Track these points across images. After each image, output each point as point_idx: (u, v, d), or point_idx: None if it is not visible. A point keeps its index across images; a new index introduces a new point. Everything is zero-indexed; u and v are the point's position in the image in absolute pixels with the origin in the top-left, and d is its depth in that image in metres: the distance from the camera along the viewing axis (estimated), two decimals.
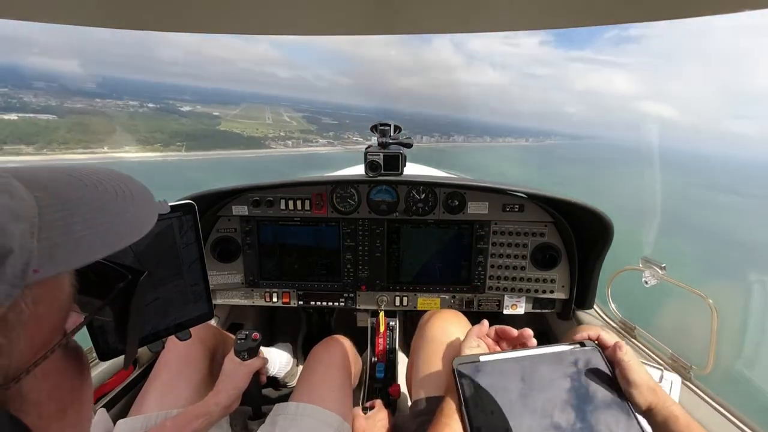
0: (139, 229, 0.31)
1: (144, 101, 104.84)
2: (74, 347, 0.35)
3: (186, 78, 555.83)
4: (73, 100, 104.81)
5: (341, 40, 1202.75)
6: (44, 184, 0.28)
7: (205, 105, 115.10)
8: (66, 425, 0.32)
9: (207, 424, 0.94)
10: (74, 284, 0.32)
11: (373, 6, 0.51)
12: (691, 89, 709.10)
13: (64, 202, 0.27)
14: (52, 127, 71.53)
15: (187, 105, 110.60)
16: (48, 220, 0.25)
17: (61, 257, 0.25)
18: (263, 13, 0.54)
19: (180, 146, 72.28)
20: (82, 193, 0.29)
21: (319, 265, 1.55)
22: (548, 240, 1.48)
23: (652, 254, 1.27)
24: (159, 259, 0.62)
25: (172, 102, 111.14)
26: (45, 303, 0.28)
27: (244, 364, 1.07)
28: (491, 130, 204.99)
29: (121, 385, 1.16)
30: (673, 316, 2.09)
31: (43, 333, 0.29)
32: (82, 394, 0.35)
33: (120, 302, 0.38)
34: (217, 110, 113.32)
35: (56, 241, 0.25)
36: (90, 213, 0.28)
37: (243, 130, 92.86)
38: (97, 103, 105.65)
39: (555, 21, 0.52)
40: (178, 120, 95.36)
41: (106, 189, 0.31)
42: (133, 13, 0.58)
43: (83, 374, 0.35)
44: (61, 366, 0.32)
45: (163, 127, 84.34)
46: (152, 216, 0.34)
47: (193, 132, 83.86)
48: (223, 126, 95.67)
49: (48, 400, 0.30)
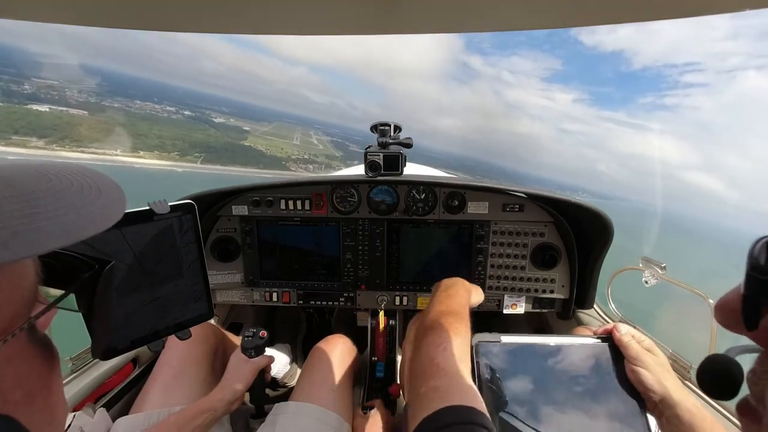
0: (103, 222, 0.31)
1: (181, 108, 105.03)
2: (42, 337, 0.36)
3: (226, 91, 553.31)
4: (113, 99, 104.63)
5: (379, 71, 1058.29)
6: (6, 178, 0.29)
7: (238, 118, 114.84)
8: (34, 410, 0.33)
9: (211, 419, 0.94)
10: (39, 273, 0.33)
11: (372, 6, 0.51)
12: (731, 162, 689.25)
13: (25, 194, 0.28)
14: (74, 123, 71.31)
15: (221, 117, 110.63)
16: (7, 210, 0.26)
17: (19, 245, 0.25)
18: (261, 13, 0.54)
19: (197, 157, 71.88)
20: (46, 186, 0.30)
21: (319, 264, 1.55)
22: (548, 240, 1.48)
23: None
24: (159, 259, 0.62)
25: (208, 112, 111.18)
26: (4, 290, 0.29)
27: (251, 361, 1.07)
28: (518, 179, 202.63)
29: (121, 385, 1.16)
30: (673, 315, 2.09)
31: (4, 319, 0.30)
32: (51, 381, 0.35)
33: (87, 292, 0.38)
34: (248, 125, 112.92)
35: (14, 230, 0.25)
36: (52, 204, 0.29)
37: (267, 148, 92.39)
38: (135, 104, 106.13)
39: (555, 21, 0.52)
40: (207, 130, 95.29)
41: (71, 183, 0.32)
42: (134, 13, 0.58)
43: (51, 363, 0.36)
44: (26, 354, 0.33)
45: (189, 135, 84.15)
46: (119, 210, 0.34)
47: (216, 144, 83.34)
48: (249, 141, 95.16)
49: (12, 386, 0.31)
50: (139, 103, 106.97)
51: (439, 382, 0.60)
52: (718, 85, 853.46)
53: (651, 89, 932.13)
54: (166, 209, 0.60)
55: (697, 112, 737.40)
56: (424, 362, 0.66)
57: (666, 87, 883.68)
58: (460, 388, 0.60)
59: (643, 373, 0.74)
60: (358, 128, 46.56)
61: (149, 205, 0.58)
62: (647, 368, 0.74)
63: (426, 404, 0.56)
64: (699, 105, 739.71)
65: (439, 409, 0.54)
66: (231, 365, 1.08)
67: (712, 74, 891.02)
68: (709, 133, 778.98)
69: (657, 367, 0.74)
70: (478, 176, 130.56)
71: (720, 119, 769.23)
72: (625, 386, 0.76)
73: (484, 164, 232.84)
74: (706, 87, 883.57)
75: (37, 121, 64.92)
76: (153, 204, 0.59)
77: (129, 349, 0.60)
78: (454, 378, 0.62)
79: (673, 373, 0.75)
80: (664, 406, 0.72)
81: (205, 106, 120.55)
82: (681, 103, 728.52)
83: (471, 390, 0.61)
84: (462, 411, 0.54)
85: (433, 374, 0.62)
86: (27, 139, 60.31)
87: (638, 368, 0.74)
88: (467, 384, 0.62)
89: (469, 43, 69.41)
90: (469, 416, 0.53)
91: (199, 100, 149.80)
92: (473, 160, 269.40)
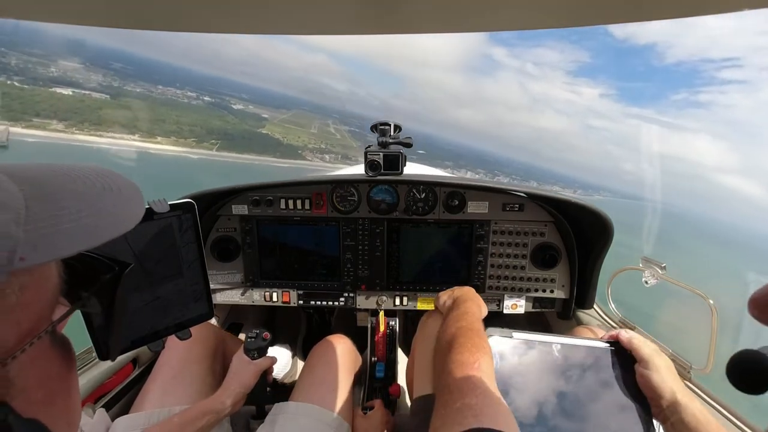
0: (124, 224, 0.32)
1: (202, 94, 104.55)
2: (62, 338, 0.36)
3: (246, 78, 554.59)
4: (136, 83, 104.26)
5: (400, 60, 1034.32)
6: (32, 179, 0.29)
7: (257, 105, 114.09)
8: (55, 411, 0.33)
9: (214, 421, 0.94)
10: (62, 275, 0.33)
11: (372, 6, 0.51)
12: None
13: (50, 195, 0.29)
14: (95, 106, 71.21)
15: (240, 103, 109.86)
16: (34, 211, 0.26)
17: (47, 247, 0.25)
18: (262, 12, 0.54)
19: (213, 144, 71.27)
20: (70, 188, 0.30)
21: (319, 264, 1.55)
22: (548, 239, 1.48)
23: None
24: (159, 259, 0.62)
25: (228, 98, 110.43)
26: (31, 291, 0.29)
27: (254, 363, 1.07)
28: (538, 175, 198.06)
29: (121, 385, 1.15)
30: (673, 315, 2.09)
31: (30, 320, 0.30)
32: (69, 383, 0.36)
33: (106, 295, 0.39)
34: (267, 112, 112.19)
35: (42, 232, 0.26)
36: (76, 206, 0.29)
37: (284, 137, 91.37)
38: (158, 89, 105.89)
39: (554, 21, 0.52)
40: (225, 117, 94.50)
41: (93, 184, 0.32)
42: (133, 13, 0.58)
43: (70, 365, 0.36)
44: (49, 355, 0.33)
45: (207, 122, 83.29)
46: (139, 211, 0.35)
47: (234, 131, 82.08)
48: (266, 129, 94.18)
49: (36, 387, 0.31)
50: (161, 88, 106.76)
51: (474, 401, 0.61)
52: (758, 82, 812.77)
53: (684, 85, 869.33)
54: (166, 208, 0.60)
55: (732, 110, 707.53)
56: (461, 379, 0.67)
57: (701, 83, 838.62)
58: (495, 410, 0.61)
59: (652, 376, 0.74)
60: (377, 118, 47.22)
61: (149, 204, 0.58)
62: (657, 371, 0.74)
63: (460, 419, 0.57)
64: (735, 103, 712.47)
65: (472, 428, 0.55)
66: (234, 367, 1.07)
67: (752, 71, 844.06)
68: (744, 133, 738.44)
69: (665, 370, 0.74)
70: (496, 171, 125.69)
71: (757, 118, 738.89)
72: (631, 391, 0.76)
73: (503, 159, 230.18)
74: (744, 84, 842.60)
75: (59, 104, 64.99)
76: (153, 203, 0.59)
77: (129, 349, 0.60)
78: (489, 398, 0.63)
79: (678, 377, 0.76)
80: (670, 410, 0.72)
81: (225, 92, 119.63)
82: (715, 101, 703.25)
83: (504, 411, 0.62)
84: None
85: (470, 391, 0.63)
86: (48, 122, 60.27)
87: (649, 371, 0.74)
88: (500, 404, 0.63)
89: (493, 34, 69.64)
90: None
91: (220, 86, 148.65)
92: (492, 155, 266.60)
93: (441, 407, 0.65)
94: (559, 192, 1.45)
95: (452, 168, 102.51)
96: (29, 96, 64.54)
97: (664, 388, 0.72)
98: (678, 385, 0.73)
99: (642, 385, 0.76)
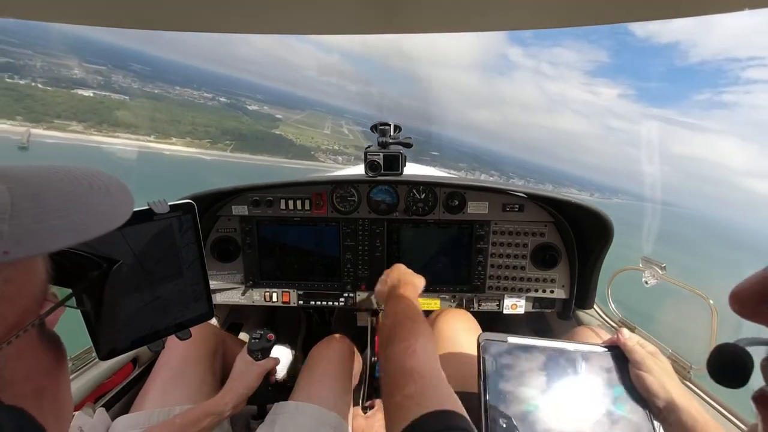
0: (112, 221, 0.32)
1: (218, 95, 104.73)
2: (51, 334, 0.37)
3: (262, 78, 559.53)
4: (155, 84, 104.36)
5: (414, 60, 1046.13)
6: (20, 177, 0.29)
7: (271, 106, 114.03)
8: (43, 405, 0.33)
9: (216, 422, 0.94)
10: (49, 271, 0.34)
11: (373, 6, 0.51)
12: None
13: (37, 193, 0.29)
14: (113, 107, 71.40)
15: (255, 104, 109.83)
16: (20, 207, 0.27)
17: (31, 242, 0.26)
18: (262, 12, 0.54)
19: (227, 145, 70.93)
20: (56, 186, 0.31)
21: (319, 264, 1.55)
22: (548, 240, 1.48)
23: None
24: (159, 259, 0.62)
25: (243, 99, 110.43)
26: (16, 284, 0.30)
27: (257, 364, 1.07)
28: (554, 178, 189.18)
29: (121, 385, 1.15)
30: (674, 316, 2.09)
31: (16, 314, 0.30)
32: (58, 378, 0.36)
33: (95, 292, 0.39)
34: (281, 113, 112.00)
35: (27, 227, 0.26)
36: (63, 204, 0.30)
37: (297, 138, 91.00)
38: (175, 90, 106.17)
39: (553, 20, 0.52)
40: (240, 117, 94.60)
41: (81, 183, 0.33)
42: (133, 12, 0.58)
43: (60, 360, 0.37)
44: (36, 349, 0.33)
45: (221, 123, 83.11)
46: (127, 210, 0.35)
47: (248, 132, 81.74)
48: (280, 130, 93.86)
49: (23, 380, 0.32)
50: (178, 89, 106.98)
51: (413, 389, 0.59)
52: None
53: (708, 85, 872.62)
54: (166, 209, 0.60)
55: (759, 111, 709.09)
56: (395, 370, 0.66)
57: (725, 83, 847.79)
58: (436, 392, 0.60)
59: (646, 377, 0.74)
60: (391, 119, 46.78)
61: (149, 204, 0.58)
62: (651, 373, 0.74)
63: (402, 414, 0.55)
64: (761, 103, 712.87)
65: (416, 418, 0.53)
66: (237, 368, 1.07)
67: None
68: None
69: (661, 372, 0.74)
70: (511, 174, 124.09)
71: None
72: (631, 394, 0.76)
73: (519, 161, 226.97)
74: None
75: (80, 106, 65.30)
76: (153, 204, 0.59)
77: (129, 349, 0.60)
78: (427, 381, 0.62)
79: (676, 379, 0.76)
80: (667, 411, 0.72)
81: (241, 93, 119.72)
82: (741, 101, 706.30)
83: (446, 391, 0.61)
84: (441, 416, 0.54)
85: (406, 381, 0.62)
86: (67, 123, 60.47)
87: (642, 373, 0.74)
88: (441, 385, 0.62)
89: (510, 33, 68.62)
90: (447, 421, 0.53)
91: (236, 87, 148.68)
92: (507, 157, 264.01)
93: (386, 406, 0.63)
94: (575, 195, 1.45)
95: (466, 170, 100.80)
96: (51, 98, 64.95)
97: (658, 390, 0.72)
98: (675, 386, 0.73)
99: (638, 387, 0.76)
